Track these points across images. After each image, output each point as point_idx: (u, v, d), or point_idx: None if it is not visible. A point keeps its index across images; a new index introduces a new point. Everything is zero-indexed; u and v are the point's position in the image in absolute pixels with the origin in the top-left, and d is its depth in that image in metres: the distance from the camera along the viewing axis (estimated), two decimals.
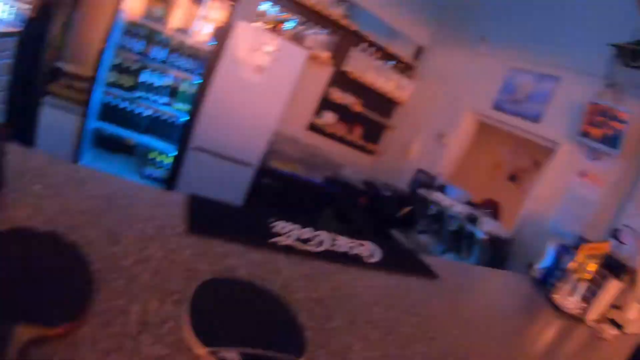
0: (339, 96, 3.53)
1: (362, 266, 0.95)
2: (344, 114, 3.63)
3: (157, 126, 2.86)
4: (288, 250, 0.87)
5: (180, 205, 0.87)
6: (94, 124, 2.79)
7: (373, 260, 1.00)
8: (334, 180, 3.27)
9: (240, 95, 2.76)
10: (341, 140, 3.71)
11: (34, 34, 2.55)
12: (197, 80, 2.74)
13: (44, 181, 0.81)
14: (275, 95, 2.85)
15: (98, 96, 2.75)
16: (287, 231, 0.95)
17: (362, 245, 1.04)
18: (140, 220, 0.76)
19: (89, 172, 0.91)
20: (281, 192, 2.99)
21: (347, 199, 3.19)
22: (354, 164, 3.66)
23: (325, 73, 3.47)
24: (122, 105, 2.81)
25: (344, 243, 1.01)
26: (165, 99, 2.82)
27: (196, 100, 2.69)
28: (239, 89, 2.74)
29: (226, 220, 0.88)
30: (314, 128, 3.61)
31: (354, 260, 0.96)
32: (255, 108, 2.83)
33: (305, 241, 0.93)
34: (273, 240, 0.87)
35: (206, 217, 0.85)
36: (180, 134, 2.77)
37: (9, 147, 0.74)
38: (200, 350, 0.51)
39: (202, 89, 2.67)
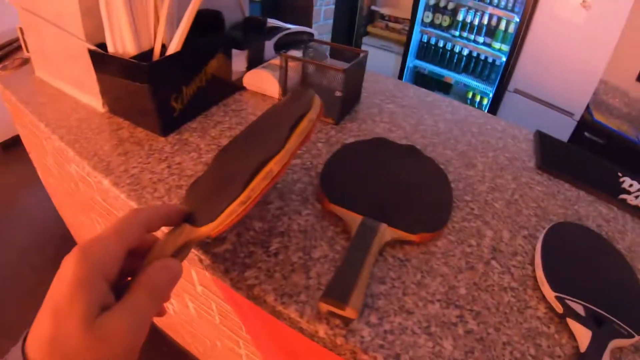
0: None
1: None
2: None
3: (475, 65, 2.87)
4: (636, 211, 0.78)
5: (528, 140, 0.87)
6: (413, 62, 3.03)
7: None
8: None
9: (564, 35, 2.44)
10: None
11: None
12: (517, 18, 2.58)
13: (396, 102, 0.94)
14: (603, 37, 2.40)
15: (416, 36, 2.94)
16: (636, 190, 0.85)
17: None
18: (492, 149, 0.81)
19: (438, 97, 1.01)
20: (604, 151, 2.61)
21: None
22: None
23: None
24: (440, 44, 2.93)
25: None
26: (484, 38, 2.78)
27: (515, 40, 2.55)
28: (562, 29, 2.43)
29: (575, 164, 0.84)
30: None
31: None
32: (580, 51, 2.46)
33: None
34: (622, 196, 0.80)
35: (556, 157, 0.84)
36: (499, 75, 2.71)
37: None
38: (549, 293, 0.51)
39: (521, 29, 2.51)
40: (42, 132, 0.76)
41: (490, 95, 2.74)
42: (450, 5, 2.82)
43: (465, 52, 2.84)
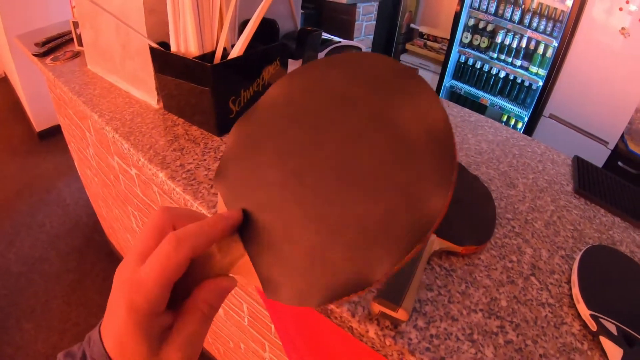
0: None
1: None
2: None
3: (511, 88, 2.89)
4: None
5: (567, 165, 0.91)
6: (450, 82, 3.06)
7: None
8: None
9: (601, 62, 2.44)
10: None
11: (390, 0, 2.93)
12: (555, 43, 2.59)
13: None
14: None
15: (454, 56, 2.98)
16: None
17: None
18: (532, 171, 0.86)
19: (480, 117, 1.06)
20: (637, 180, 2.58)
21: None
22: None
23: None
24: (477, 65, 2.96)
25: None
26: (521, 62, 2.80)
27: (553, 65, 2.57)
28: (600, 56, 2.42)
29: (611, 190, 0.88)
30: None
31: None
32: (617, 79, 2.46)
33: None
34: None
35: (593, 182, 0.88)
36: (535, 99, 2.72)
37: None
38: (584, 310, 0.54)
39: (559, 54, 2.52)
40: (95, 122, 0.78)
41: (525, 119, 2.76)
42: (490, 27, 2.86)
43: (502, 74, 2.87)
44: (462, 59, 2.98)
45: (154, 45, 0.74)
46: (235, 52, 0.73)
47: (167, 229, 0.29)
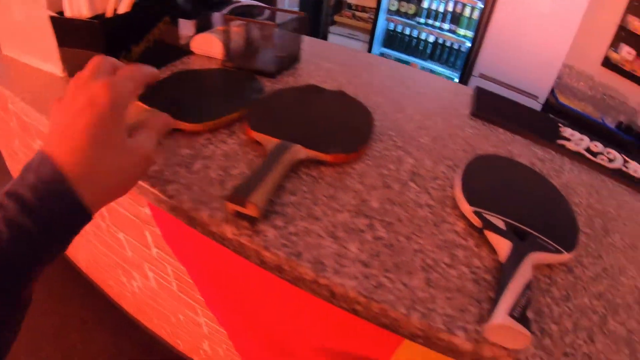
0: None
1: None
2: None
3: (441, 52, 2.90)
4: (575, 155, 0.77)
5: (468, 95, 0.89)
6: (379, 50, 3.03)
7: None
8: (629, 128, 2.66)
9: (526, 20, 2.50)
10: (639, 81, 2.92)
11: None
12: (481, 4, 2.59)
13: (337, 61, 0.95)
14: (565, 21, 2.46)
15: (382, 24, 2.95)
16: (577, 139, 0.84)
17: None
18: (427, 100, 0.81)
19: (382, 60, 1.01)
20: None
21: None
22: None
23: None
24: (406, 31, 2.94)
25: (638, 168, 0.83)
26: (449, 25, 2.80)
27: (479, 26, 2.57)
28: (525, 14, 2.48)
29: (514, 115, 0.84)
30: (608, 64, 2.95)
31: None
32: (543, 35, 2.52)
33: (595, 155, 0.81)
34: (561, 142, 0.79)
35: (493, 107, 0.83)
36: (464, 61, 2.73)
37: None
38: (467, 208, 0.53)
39: (484, 14, 2.53)
40: (7, 98, 0.78)
41: (456, 80, 2.77)
42: None
43: (431, 39, 2.86)
44: (391, 26, 2.96)
45: (52, 13, 0.75)
46: (122, 9, 0.75)
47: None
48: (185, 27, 0.91)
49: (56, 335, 1.53)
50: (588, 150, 0.82)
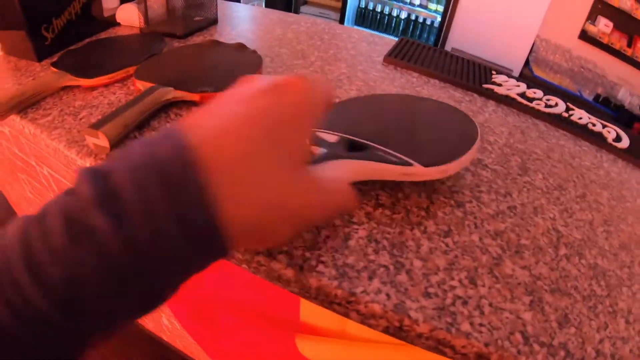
0: None
1: (601, 145, 0.70)
2: (622, 21, 2.74)
3: (413, 28, 2.83)
4: (504, 99, 0.70)
5: (389, 45, 0.81)
6: (351, 27, 2.96)
7: (619, 145, 0.71)
8: (606, 100, 2.60)
9: None
10: (617, 54, 2.85)
11: None
12: None
13: (257, 22, 0.90)
14: None
15: (353, 2, 2.87)
16: (512, 85, 0.77)
17: (607, 126, 0.76)
18: (335, 48, 0.74)
19: (299, 18, 0.95)
20: None
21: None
22: (631, 85, 2.79)
23: None
24: (377, 8, 2.86)
25: (583, 116, 0.76)
26: (420, 0, 2.72)
27: (449, 0, 2.50)
28: None
29: (437, 62, 0.76)
30: (585, 37, 2.88)
31: (591, 134, 0.71)
32: (515, 8, 2.45)
33: (531, 100, 0.74)
34: (489, 86, 0.72)
35: (411, 54, 0.76)
36: (436, 36, 2.65)
37: None
38: None
39: None
40: None
41: None
42: None
43: (403, 15, 2.78)
44: (362, 4, 2.87)
45: None
46: None
47: None
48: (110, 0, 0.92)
49: None
50: (523, 95, 0.75)
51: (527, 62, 2.58)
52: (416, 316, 0.32)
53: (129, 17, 0.92)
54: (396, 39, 0.88)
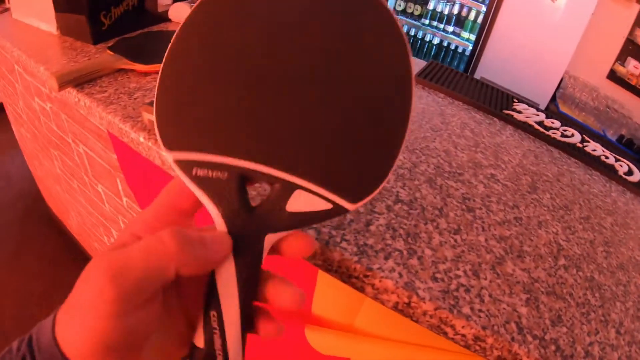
0: None
1: (612, 176, 0.74)
2: None
3: (444, 54, 2.88)
4: (522, 125, 0.75)
5: (420, 65, 0.87)
6: None
7: (629, 178, 0.75)
8: (630, 142, 2.60)
9: (530, 26, 2.47)
10: None
11: None
12: (484, 8, 2.58)
13: None
14: (568, 30, 2.43)
15: None
16: (531, 114, 0.82)
17: (620, 160, 0.80)
18: None
19: None
20: None
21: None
22: None
23: (630, 10, 2.68)
24: (411, 32, 2.94)
25: (598, 148, 0.80)
26: (453, 28, 2.78)
27: (482, 29, 2.55)
28: (529, 20, 2.46)
29: (463, 86, 0.82)
30: (613, 77, 2.89)
31: (603, 166, 0.75)
32: (545, 42, 2.48)
33: (547, 129, 0.79)
34: (508, 112, 0.77)
35: (439, 77, 0.81)
36: (466, 64, 2.71)
37: None
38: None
39: (488, 17, 2.51)
40: (7, 49, 0.87)
41: None
42: None
43: (436, 40, 2.84)
44: None
45: None
46: None
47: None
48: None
49: (43, 297, 1.62)
50: (540, 123, 0.79)
51: (553, 98, 2.60)
52: (423, 295, 0.37)
53: (181, 15, 0.98)
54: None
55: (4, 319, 1.54)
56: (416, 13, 2.88)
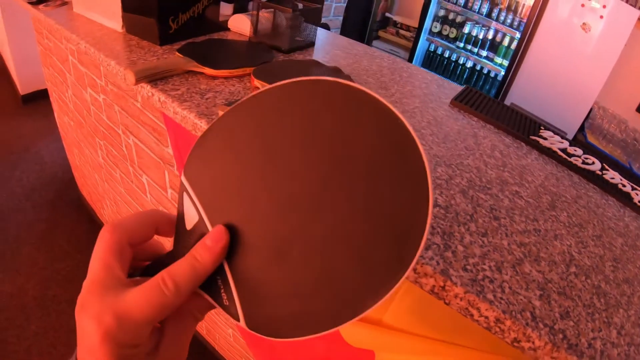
0: None
1: (627, 203, 0.81)
2: None
3: (477, 78, 2.96)
4: (547, 151, 0.83)
5: (456, 90, 0.97)
6: None
7: None
8: None
9: (562, 55, 2.52)
10: None
11: None
12: (518, 34, 2.65)
13: (345, 51, 1.06)
14: (600, 60, 2.46)
15: (422, 44, 3.04)
16: (556, 141, 0.90)
17: (637, 189, 0.87)
18: (411, 86, 0.90)
19: (385, 55, 1.11)
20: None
21: None
22: None
23: None
24: (445, 54, 3.03)
25: (616, 177, 0.88)
26: (486, 52, 2.86)
27: (515, 56, 2.62)
28: (562, 48, 2.51)
29: (497, 112, 0.90)
30: None
31: (619, 193, 0.82)
32: (577, 72, 2.53)
33: (570, 155, 0.86)
34: (535, 138, 0.85)
35: (474, 101, 0.90)
36: (497, 89, 2.77)
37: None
38: None
39: (521, 44, 2.58)
40: (73, 41, 0.93)
41: None
42: (459, 19, 2.92)
43: (469, 64, 2.92)
44: (432, 47, 3.05)
45: None
46: None
47: (124, 247, 0.28)
48: (225, 8, 1.10)
49: (67, 278, 1.70)
50: (564, 150, 0.87)
51: (582, 127, 2.64)
52: (456, 280, 0.46)
53: (240, 26, 1.09)
54: (460, 85, 1.02)
55: (27, 299, 1.59)
56: (451, 36, 2.97)
